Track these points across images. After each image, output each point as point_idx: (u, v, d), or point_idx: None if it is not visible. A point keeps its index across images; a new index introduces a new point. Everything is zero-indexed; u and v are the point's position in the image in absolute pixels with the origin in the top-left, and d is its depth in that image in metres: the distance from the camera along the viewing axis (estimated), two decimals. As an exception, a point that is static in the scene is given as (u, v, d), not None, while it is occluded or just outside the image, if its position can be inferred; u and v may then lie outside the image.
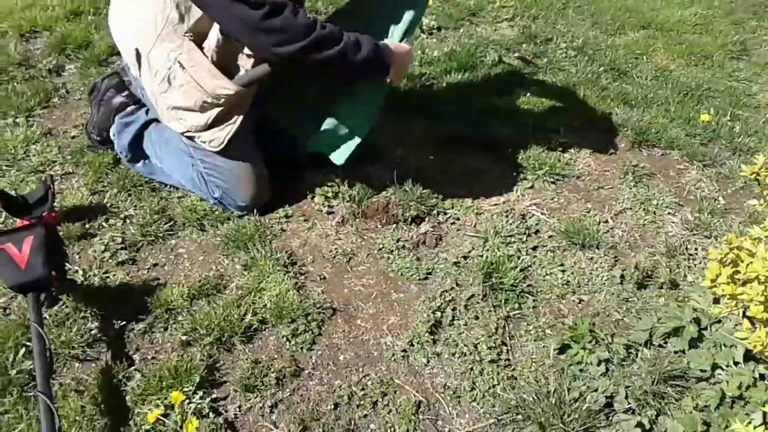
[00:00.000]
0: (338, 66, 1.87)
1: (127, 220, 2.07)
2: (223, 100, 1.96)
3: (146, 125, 2.25)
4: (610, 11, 3.58)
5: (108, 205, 2.13)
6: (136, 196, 2.18)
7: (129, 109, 2.29)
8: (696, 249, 2.13)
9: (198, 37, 1.94)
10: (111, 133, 2.30)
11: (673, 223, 2.25)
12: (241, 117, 2.02)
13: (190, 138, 2.06)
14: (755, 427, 1.26)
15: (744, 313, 1.32)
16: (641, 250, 2.14)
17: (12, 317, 1.72)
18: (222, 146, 2.04)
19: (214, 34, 1.93)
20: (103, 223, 2.06)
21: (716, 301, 1.45)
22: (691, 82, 3.00)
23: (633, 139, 2.62)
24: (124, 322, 1.75)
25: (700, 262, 2.08)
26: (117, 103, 2.30)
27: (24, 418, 1.47)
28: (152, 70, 2.00)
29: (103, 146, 2.34)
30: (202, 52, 1.94)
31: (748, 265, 1.25)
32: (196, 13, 1.91)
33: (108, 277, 1.89)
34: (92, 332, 1.71)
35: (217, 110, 1.99)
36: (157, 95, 2.04)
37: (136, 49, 2.00)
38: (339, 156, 2.18)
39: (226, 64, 1.96)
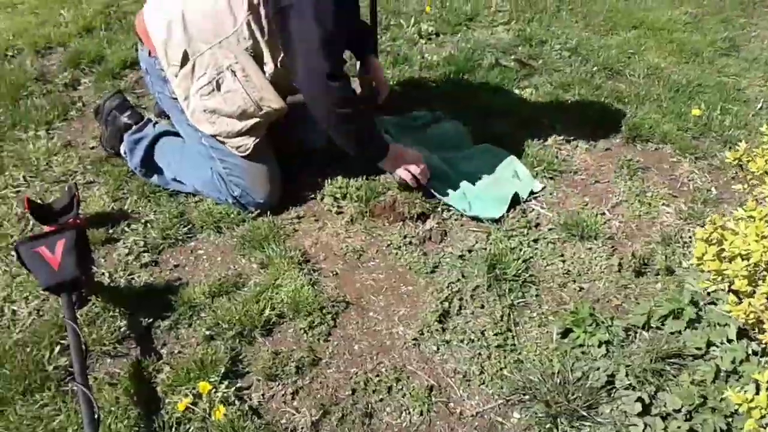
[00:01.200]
0: (358, 135, 2.20)
1: (148, 225, 2.18)
2: (264, 111, 2.09)
3: (156, 139, 2.35)
4: (602, 12, 3.69)
5: (129, 211, 2.24)
6: (155, 202, 2.29)
7: (135, 127, 2.38)
8: (690, 237, 2.23)
9: (255, 56, 2.08)
10: (122, 151, 2.40)
11: (668, 213, 2.36)
12: (267, 127, 2.17)
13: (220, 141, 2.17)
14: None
15: (729, 288, 1.42)
16: (637, 240, 2.24)
17: (45, 318, 1.83)
18: (248, 152, 2.16)
19: (272, 64, 2.09)
20: (126, 228, 2.17)
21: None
22: (682, 79, 3.11)
23: (627, 135, 2.72)
24: (150, 320, 1.86)
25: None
26: (121, 123, 2.40)
27: (63, 410, 1.58)
28: (197, 72, 2.08)
29: (119, 157, 2.44)
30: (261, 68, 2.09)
31: (731, 243, 1.35)
32: (263, 39, 2.05)
33: (133, 278, 1.99)
34: (121, 330, 1.81)
35: (255, 120, 2.11)
36: (192, 95, 2.11)
37: (185, 51, 2.06)
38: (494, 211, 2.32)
39: (275, 87, 2.11)
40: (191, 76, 2.07)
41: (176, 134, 2.34)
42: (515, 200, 2.36)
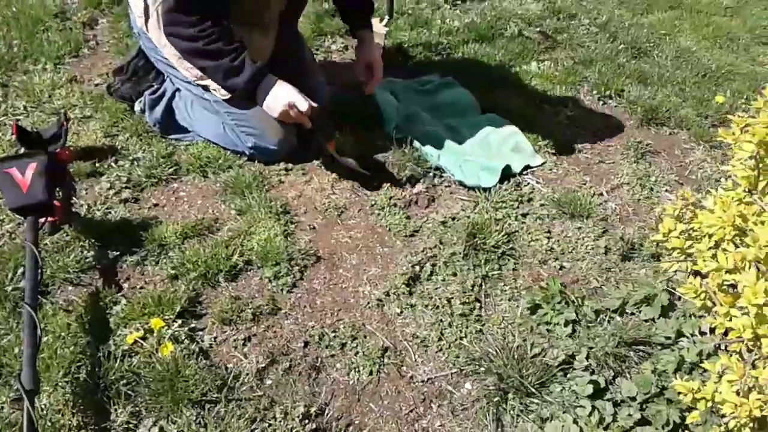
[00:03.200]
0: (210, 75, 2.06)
1: (135, 162, 2.18)
2: None
3: (173, 95, 2.31)
4: (641, -10, 3.54)
5: (119, 147, 2.25)
6: (146, 141, 2.29)
7: (156, 86, 2.35)
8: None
9: None
10: (137, 109, 2.37)
11: (669, 200, 2.24)
12: None
13: (205, 88, 2.14)
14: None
15: (692, 269, 1.34)
16: (631, 224, 2.15)
17: (17, 241, 1.85)
18: (227, 96, 2.12)
19: None
20: (112, 164, 2.18)
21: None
22: (712, 64, 2.96)
23: (642, 117, 2.61)
24: (118, 254, 1.86)
25: (689, 239, 2.07)
26: (146, 84, 2.37)
27: (13, 330, 1.60)
28: (160, 22, 2.06)
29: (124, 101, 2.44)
30: None
31: (692, 219, 1.27)
32: None
33: (110, 212, 2.00)
34: (87, 260, 1.82)
35: None
36: (166, 46, 2.10)
37: (145, 3, 2.08)
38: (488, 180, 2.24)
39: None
40: (158, 26, 2.05)
41: None
42: (510, 172, 2.28)
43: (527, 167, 2.33)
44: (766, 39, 3.21)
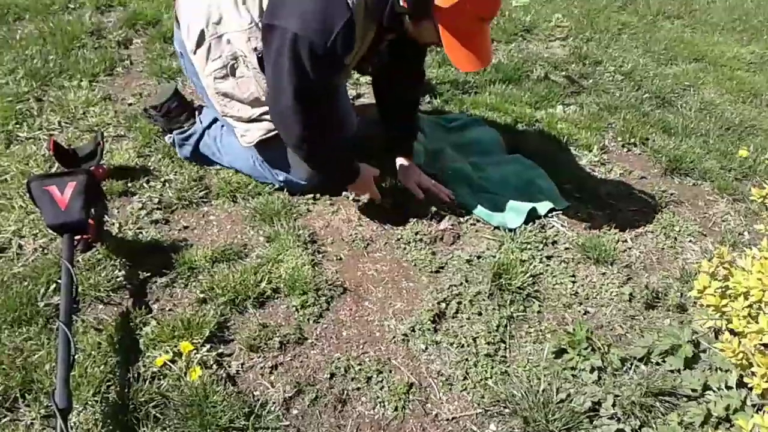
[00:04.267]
0: (321, 164, 2.13)
1: (167, 184, 2.21)
2: None
3: (202, 135, 2.33)
4: (665, 41, 3.59)
5: (151, 168, 2.28)
6: (178, 163, 2.32)
7: (186, 126, 2.36)
8: (711, 278, 2.14)
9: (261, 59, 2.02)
10: (168, 140, 2.39)
11: (693, 250, 2.26)
12: None
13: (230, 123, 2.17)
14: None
15: (727, 327, 1.35)
16: (655, 273, 2.16)
17: (48, 256, 1.87)
18: (251, 144, 2.14)
19: None
20: (144, 184, 2.20)
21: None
22: (735, 118, 2.99)
23: (666, 166, 2.64)
24: (148, 275, 1.88)
25: (713, 291, 2.08)
26: (175, 124, 2.38)
27: (44, 346, 1.60)
28: (212, 54, 2.08)
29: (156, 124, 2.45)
30: None
31: (734, 279, 1.29)
32: None
33: (141, 232, 2.02)
34: (118, 279, 1.84)
35: (266, 108, 2.07)
36: (206, 76, 2.12)
37: (202, 31, 2.06)
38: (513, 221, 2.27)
39: None
40: (206, 56, 2.07)
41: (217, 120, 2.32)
42: (535, 214, 2.30)
43: (552, 210, 2.35)
44: (789, 96, 3.27)
